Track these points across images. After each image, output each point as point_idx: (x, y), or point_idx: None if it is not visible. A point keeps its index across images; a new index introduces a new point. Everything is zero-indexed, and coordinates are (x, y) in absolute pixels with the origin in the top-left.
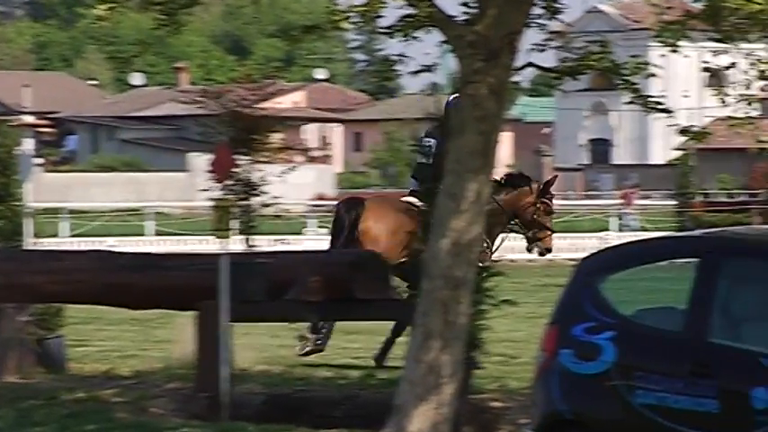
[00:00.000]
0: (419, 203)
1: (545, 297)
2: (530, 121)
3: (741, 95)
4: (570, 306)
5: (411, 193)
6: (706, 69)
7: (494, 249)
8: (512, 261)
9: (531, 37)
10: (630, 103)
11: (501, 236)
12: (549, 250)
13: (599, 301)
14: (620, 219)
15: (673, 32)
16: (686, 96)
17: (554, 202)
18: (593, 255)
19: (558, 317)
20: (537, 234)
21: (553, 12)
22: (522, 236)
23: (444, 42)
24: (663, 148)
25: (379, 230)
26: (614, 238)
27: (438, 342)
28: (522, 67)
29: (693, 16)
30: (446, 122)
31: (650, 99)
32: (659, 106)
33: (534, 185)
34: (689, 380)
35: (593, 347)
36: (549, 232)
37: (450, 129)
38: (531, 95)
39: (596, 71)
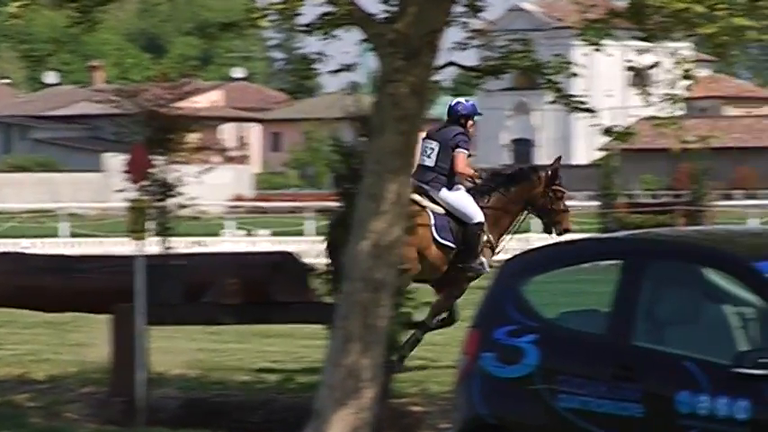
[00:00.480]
0: (421, 199)
1: (467, 299)
2: None
3: (665, 95)
4: (492, 309)
5: (415, 190)
6: (630, 68)
7: (499, 246)
8: None
9: (452, 35)
10: (553, 102)
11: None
12: (567, 230)
13: (521, 304)
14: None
15: (596, 31)
16: (610, 96)
17: (563, 188)
18: (515, 257)
19: (479, 320)
20: (554, 218)
21: (475, 10)
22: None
23: (364, 41)
24: (586, 148)
25: None
26: (537, 239)
27: (358, 345)
28: (444, 66)
29: (617, 14)
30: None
31: (573, 98)
32: (582, 106)
33: (542, 174)
34: (612, 384)
35: (515, 351)
36: (565, 214)
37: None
38: (452, 95)
39: (519, 70)
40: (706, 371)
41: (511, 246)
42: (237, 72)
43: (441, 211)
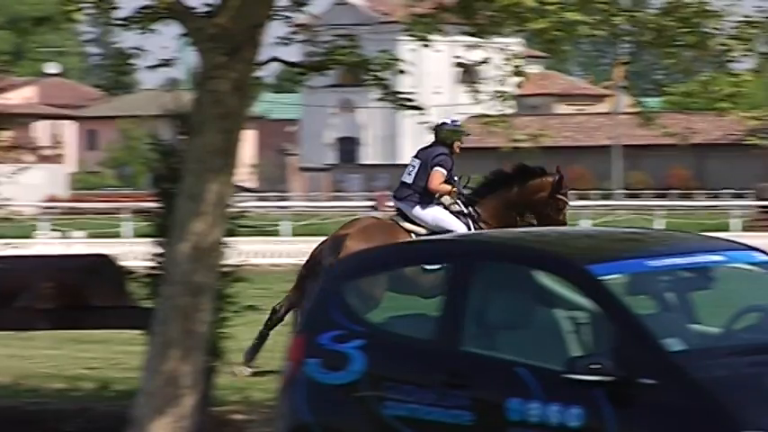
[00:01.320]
0: (405, 224)
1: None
2: (274, 119)
3: (495, 92)
4: (317, 313)
5: (398, 213)
6: (459, 65)
7: None
8: (255, 266)
9: (275, 30)
10: (380, 99)
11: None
12: None
13: (347, 308)
14: None
15: (424, 26)
16: (438, 93)
17: (567, 198)
18: (340, 259)
19: (305, 325)
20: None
21: (298, 4)
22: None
23: (184, 35)
24: (413, 146)
25: None
26: None
27: (177, 351)
28: (266, 62)
29: (445, 9)
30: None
31: (400, 96)
32: (410, 103)
33: (548, 179)
34: (441, 390)
35: (340, 357)
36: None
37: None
38: (275, 92)
39: (344, 66)
40: (537, 377)
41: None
42: (51, 68)
43: (424, 232)
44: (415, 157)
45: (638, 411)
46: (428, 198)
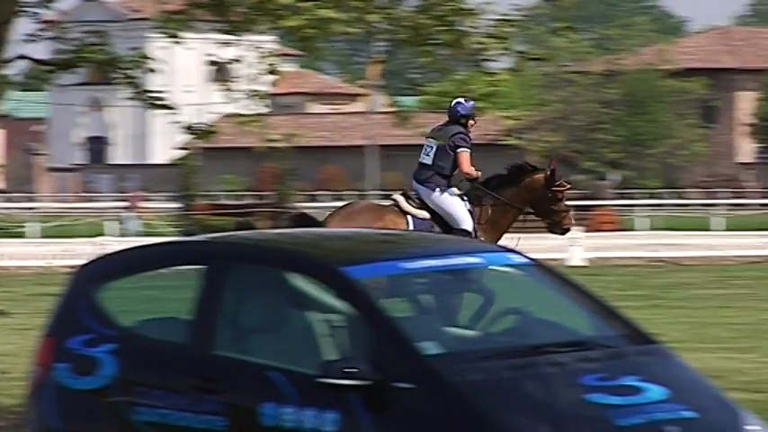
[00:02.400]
0: (403, 203)
1: (38, 307)
2: (21, 118)
3: (248, 91)
4: (66, 317)
5: (403, 193)
6: (211, 63)
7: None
8: (2, 269)
9: (22, 27)
10: (130, 98)
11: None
12: (568, 230)
13: (97, 312)
14: (121, 223)
15: (175, 23)
16: (190, 92)
17: (564, 187)
18: (90, 261)
19: (53, 328)
20: (554, 219)
21: (46, 0)
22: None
23: None
24: (164, 146)
25: None
26: (113, 243)
27: None
28: (13, 60)
29: (198, 5)
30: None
31: (150, 94)
32: (160, 102)
33: (540, 175)
34: (194, 395)
35: (90, 361)
36: (566, 214)
37: None
38: (22, 90)
39: (93, 64)
40: (292, 381)
41: (87, 250)
42: None
43: (424, 215)
44: (432, 138)
45: (394, 416)
46: (451, 180)
